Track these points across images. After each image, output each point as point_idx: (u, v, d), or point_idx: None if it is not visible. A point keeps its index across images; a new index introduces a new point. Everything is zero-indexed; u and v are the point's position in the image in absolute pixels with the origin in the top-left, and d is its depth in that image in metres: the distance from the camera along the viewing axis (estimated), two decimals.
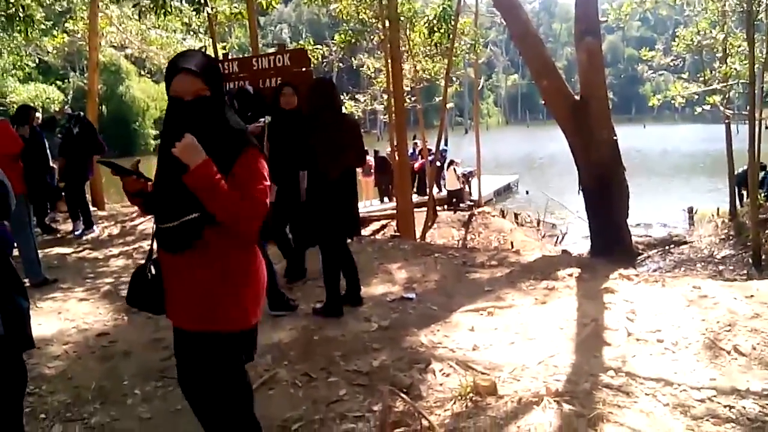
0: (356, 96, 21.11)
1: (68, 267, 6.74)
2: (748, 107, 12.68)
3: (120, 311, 4.99)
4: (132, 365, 3.89)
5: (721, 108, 14.48)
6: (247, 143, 2.18)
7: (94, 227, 8.61)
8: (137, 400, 3.44)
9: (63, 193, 8.52)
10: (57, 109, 13.54)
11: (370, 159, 18.29)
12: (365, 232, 14.41)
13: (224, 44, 15.68)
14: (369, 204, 18.30)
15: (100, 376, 3.76)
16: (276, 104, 5.12)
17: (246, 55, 10.81)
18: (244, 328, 2.28)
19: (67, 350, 4.21)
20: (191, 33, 14.64)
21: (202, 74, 2.14)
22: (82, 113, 8.56)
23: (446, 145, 20.66)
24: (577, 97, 7.12)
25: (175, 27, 14.66)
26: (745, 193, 14.52)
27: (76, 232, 8.35)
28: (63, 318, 4.84)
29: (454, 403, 3.12)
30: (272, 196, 2.42)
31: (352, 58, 20.70)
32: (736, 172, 15.12)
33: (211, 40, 12.69)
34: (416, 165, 17.26)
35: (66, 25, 15.11)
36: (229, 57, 9.57)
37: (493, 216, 16.62)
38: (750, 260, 11.49)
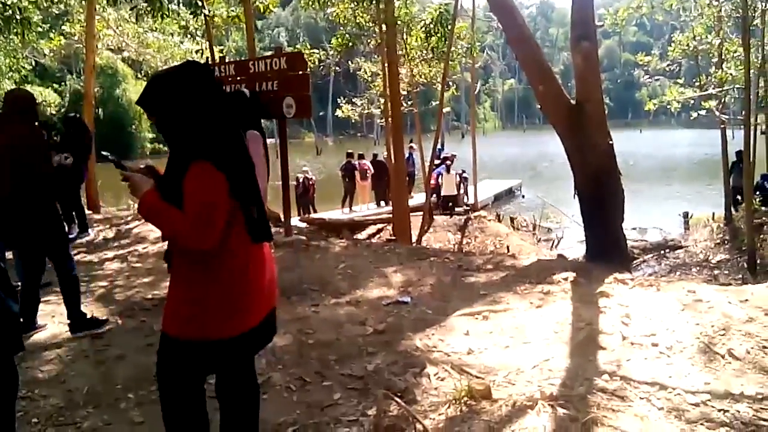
0: (353, 100, 21.15)
1: None
2: (743, 112, 12.73)
3: (114, 315, 4.98)
4: (125, 369, 3.86)
5: (717, 113, 14.53)
6: (194, 158, 2.11)
7: (89, 230, 8.58)
8: (130, 404, 3.42)
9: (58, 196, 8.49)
10: (53, 112, 13.54)
11: (366, 163, 18.30)
12: (361, 235, 14.43)
13: (221, 47, 15.73)
14: (365, 208, 18.31)
15: (93, 380, 3.73)
16: None
17: (243, 59, 10.82)
18: (199, 339, 2.21)
19: (59, 354, 4.18)
20: (188, 36, 14.64)
21: (143, 106, 2.23)
22: (77, 115, 8.52)
23: (443, 148, 20.69)
24: (574, 102, 7.14)
25: (173, 30, 14.68)
26: (740, 197, 14.58)
27: (71, 236, 8.31)
28: (56, 321, 4.81)
29: (449, 407, 3.11)
30: None
31: (349, 62, 20.72)
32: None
33: (208, 43, 12.72)
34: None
35: (63, 27, 15.12)
36: (226, 60, 9.59)
37: (489, 220, 16.65)
38: (745, 265, 11.54)
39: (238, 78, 7.47)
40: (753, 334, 3.86)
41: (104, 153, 2.54)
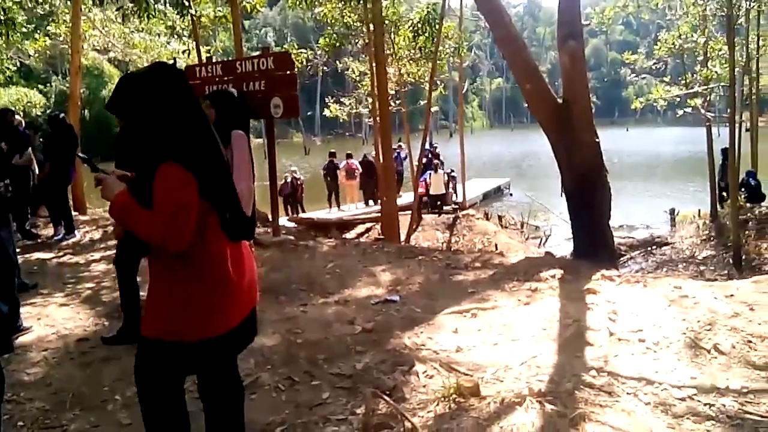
0: (341, 99, 21.12)
1: (48, 272, 6.65)
2: (728, 110, 12.84)
3: (101, 317, 4.95)
4: (112, 371, 3.84)
5: (702, 111, 14.66)
6: (163, 159, 2.10)
7: (76, 232, 8.50)
8: (117, 406, 3.40)
9: (44, 198, 8.43)
10: (38, 113, 13.43)
11: (354, 162, 18.31)
12: (350, 235, 14.43)
13: (208, 48, 15.64)
14: (354, 207, 18.31)
15: (79, 382, 3.71)
16: None
17: (230, 59, 10.78)
18: (178, 340, 2.19)
19: (46, 356, 4.15)
20: (175, 36, 14.56)
21: (112, 110, 2.23)
22: (62, 115, 8.43)
23: (431, 147, 20.72)
24: (560, 100, 7.17)
25: (159, 30, 14.59)
26: (725, 194, 14.71)
27: (57, 237, 8.26)
28: (43, 324, 4.78)
29: (437, 404, 3.11)
30: None
31: (337, 62, 20.68)
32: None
33: (194, 43, 12.65)
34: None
35: (48, 28, 14.97)
36: (213, 60, 9.54)
37: (478, 219, 16.68)
38: (730, 260, 11.64)
39: (225, 78, 7.44)
40: (738, 328, 3.89)
41: (79, 155, 2.54)
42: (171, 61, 2.34)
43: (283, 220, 13.46)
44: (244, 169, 3.10)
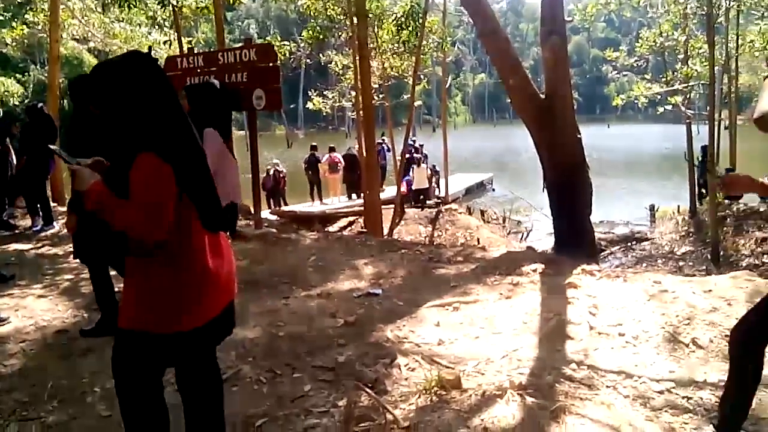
0: (324, 93, 21.04)
1: (26, 263, 6.56)
2: (708, 108, 13.00)
3: (79, 308, 4.89)
4: (91, 363, 3.79)
5: (683, 108, 14.83)
6: (140, 149, 2.07)
7: (54, 223, 8.39)
8: (96, 398, 3.37)
9: (22, 188, 8.30)
10: (16, 102, 13.20)
11: (336, 155, 18.26)
12: (333, 228, 14.40)
13: (190, 39, 15.48)
14: (336, 200, 18.29)
15: (58, 374, 3.66)
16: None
17: (212, 50, 10.68)
18: (156, 331, 2.17)
19: (24, 348, 4.10)
20: (156, 27, 14.39)
21: (74, 98, 2.19)
22: (40, 105, 8.29)
23: (414, 142, 20.75)
24: (543, 96, 7.20)
25: (140, 20, 14.41)
26: (704, 191, 14.91)
27: (35, 228, 8.14)
28: (20, 315, 4.71)
29: (419, 397, 3.12)
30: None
31: (320, 55, 20.61)
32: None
33: (176, 34, 12.52)
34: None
35: (26, 16, 14.71)
36: (195, 51, 9.45)
37: (460, 213, 16.74)
38: (709, 256, 11.82)
39: (207, 69, 7.38)
40: (716, 323, 3.96)
41: (52, 147, 2.49)
42: (146, 50, 2.29)
43: (266, 213, 13.38)
44: (232, 166, 3.07)
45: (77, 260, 4.61)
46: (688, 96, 15.74)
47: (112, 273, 4.27)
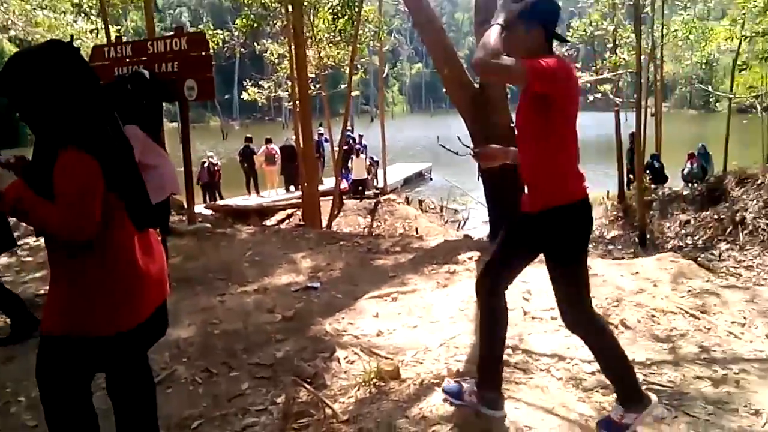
0: (260, 83, 20.70)
1: None
2: (635, 95, 13.48)
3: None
4: (15, 371, 3.61)
5: (611, 96, 15.33)
6: (63, 143, 1.97)
7: None
8: (21, 408, 3.21)
9: None
10: None
11: (273, 147, 18.02)
12: (270, 221, 14.22)
13: (118, 27, 14.92)
14: (274, 193, 18.05)
15: None
16: None
17: (142, 39, 10.32)
18: (83, 336, 2.07)
19: None
20: (82, 15, 13.79)
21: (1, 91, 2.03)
22: None
23: (352, 132, 20.71)
24: (477, 86, 7.28)
25: (64, 8, 13.77)
26: (632, 176, 15.48)
27: None
28: None
29: (358, 389, 3.12)
30: None
31: (255, 44, 20.21)
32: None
33: (103, 22, 12.01)
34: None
35: None
36: (123, 40, 9.11)
37: (399, 203, 16.84)
38: (636, 240, 12.30)
39: (136, 59, 7.11)
40: (643, 304, 4.12)
41: None
42: (68, 39, 2.15)
43: (200, 208, 13.10)
44: (168, 165, 2.97)
45: None
46: (617, 84, 16.28)
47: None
